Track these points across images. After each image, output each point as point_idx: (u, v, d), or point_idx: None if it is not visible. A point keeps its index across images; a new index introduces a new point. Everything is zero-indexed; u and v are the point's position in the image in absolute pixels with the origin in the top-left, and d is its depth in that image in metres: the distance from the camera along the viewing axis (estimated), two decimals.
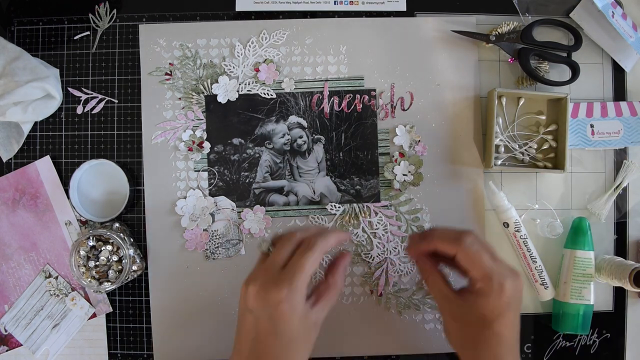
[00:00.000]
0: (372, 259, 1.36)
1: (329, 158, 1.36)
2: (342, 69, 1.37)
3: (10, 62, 1.25)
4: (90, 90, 1.38)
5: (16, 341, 1.36)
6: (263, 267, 1.07)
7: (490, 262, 1.09)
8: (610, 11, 1.33)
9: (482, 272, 1.08)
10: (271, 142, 1.36)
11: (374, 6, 1.39)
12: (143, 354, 1.37)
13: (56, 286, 1.36)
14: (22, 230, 1.37)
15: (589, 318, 1.33)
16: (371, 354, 1.38)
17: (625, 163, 1.38)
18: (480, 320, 1.09)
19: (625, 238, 1.39)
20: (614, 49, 1.38)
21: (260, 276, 1.04)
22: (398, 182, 1.35)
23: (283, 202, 1.37)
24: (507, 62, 1.39)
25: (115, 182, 1.35)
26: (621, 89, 1.40)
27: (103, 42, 1.39)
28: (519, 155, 1.36)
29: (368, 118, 1.37)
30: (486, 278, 1.08)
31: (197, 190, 1.35)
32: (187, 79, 1.37)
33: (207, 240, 1.36)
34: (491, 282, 1.07)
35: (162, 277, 1.37)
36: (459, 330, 1.15)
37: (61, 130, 1.38)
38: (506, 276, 1.08)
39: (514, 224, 1.32)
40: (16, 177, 1.37)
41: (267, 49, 1.37)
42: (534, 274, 1.33)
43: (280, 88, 1.37)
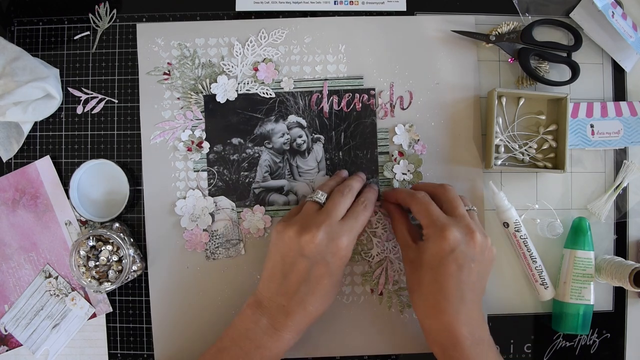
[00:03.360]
0: (372, 257, 1.36)
1: (329, 157, 1.36)
2: (341, 68, 1.37)
3: (10, 62, 1.25)
4: (90, 90, 1.38)
5: (16, 341, 1.36)
6: (320, 217, 1.19)
7: (438, 213, 1.20)
8: (610, 11, 1.32)
9: (428, 220, 1.19)
10: (270, 141, 1.36)
11: (374, 6, 1.39)
12: (143, 354, 1.37)
13: (56, 286, 1.36)
14: (22, 230, 1.37)
15: (589, 318, 1.33)
16: (371, 354, 1.38)
17: (625, 163, 1.38)
18: (426, 265, 1.18)
19: (625, 238, 1.39)
20: (614, 49, 1.38)
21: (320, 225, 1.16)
22: (397, 181, 1.36)
23: (283, 201, 1.37)
24: (507, 62, 1.38)
25: (115, 182, 1.35)
26: (621, 89, 1.40)
27: (103, 42, 1.39)
28: (519, 155, 1.36)
29: (367, 117, 1.37)
30: (431, 225, 1.18)
31: (197, 191, 1.35)
32: (185, 78, 1.37)
33: (207, 241, 1.36)
34: (434, 228, 1.17)
35: (162, 277, 1.36)
36: (410, 274, 1.23)
37: (61, 130, 1.38)
38: (452, 226, 1.16)
39: (514, 224, 1.32)
40: (16, 177, 1.37)
41: (265, 48, 1.37)
42: (534, 274, 1.33)
43: (280, 87, 1.37)
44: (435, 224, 1.17)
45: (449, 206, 1.21)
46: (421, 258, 1.19)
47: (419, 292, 1.19)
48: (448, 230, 1.14)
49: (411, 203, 1.23)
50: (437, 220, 1.17)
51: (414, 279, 1.21)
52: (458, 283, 1.14)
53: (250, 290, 1.27)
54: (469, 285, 1.15)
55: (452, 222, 1.17)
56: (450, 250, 1.13)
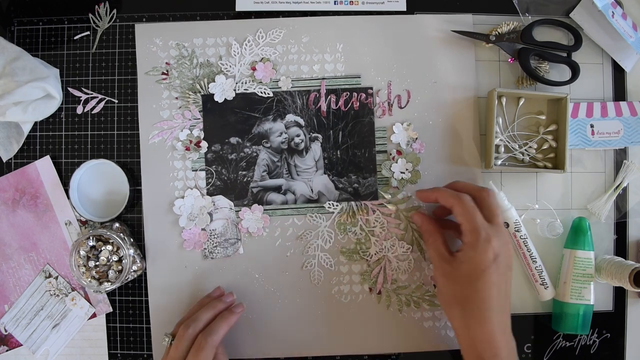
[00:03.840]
0: (370, 256, 1.36)
1: (327, 156, 1.36)
2: (338, 67, 1.37)
3: (10, 62, 1.26)
4: (90, 90, 1.38)
5: (16, 341, 1.37)
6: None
7: (482, 220, 1.18)
8: (610, 11, 1.32)
9: (472, 226, 1.17)
10: (268, 140, 1.36)
11: (374, 6, 1.39)
12: (143, 354, 1.37)
13: (56, 286, 1.36)
14: (22, 230, 1.37)
15: (589, 318, 1.32)
16: (371, 353, 1.38)
17: (625, 163, 1.37)
18: (466, 276, 1.17)
19: (625, 238, 1.39)
20: (614, 49, 1.38)
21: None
22: (396, 179, 1.35)
23: (281, 200, 1.37)
24: (507, 62, 1.38)
25: (115, 182, 1.36)
26: (621, 89, 1.40)
27: (103, 42, 1.39)
28: (519, 155, 1.36)
29: (365, 116, 1.37)
30: (475, 231, 1.16)
31: (195, 190, 1.36)
32: (183, 78, 1.37)
33: (205, 240, 1.36)
34: (478, 236, 1.15)
35: (161, 276, 1.37)
36: (448, 287, 1.21)
37: (61, 130, 1.38)
38: (494, 235, 1.16)
39: (514, 224, 1.32)
40: (16, 177, 1.37)
41: (263, 47, 1.37)
42: (534, 274, 1.33)
43: (277, 87, 1.37)
44: (479, 232, 1.16)
45: (489, 213, 1.21)
46: (460, 269, 1.18)
47: (457, 305, 1.19)
48: (492, 239, 1.14)
49: (455, 204, 1.21)
50: (481, 228, 1.16)
51: (450, 292, 1.21)
52: (499, 293, 1.15)
53: (247, 290, 1.28)
54: (507, 295, 1.18)
55: (494, 231, 1.17)
56: (493, 259, 1.14)
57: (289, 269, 1.36)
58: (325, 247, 1.37)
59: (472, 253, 1.16)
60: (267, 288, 1.37)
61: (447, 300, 1.22)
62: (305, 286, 1.37)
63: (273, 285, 1.36)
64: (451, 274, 1.20)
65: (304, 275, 1.37)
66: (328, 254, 1.36)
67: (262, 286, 1.34)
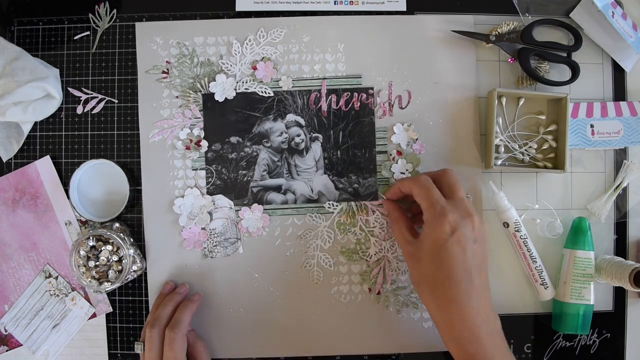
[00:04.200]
0: (369, 257, 1.36)
1: (327, 156, 1.36)
2: (339, 67, 1.37)
3: (10, 62, 1.26)
4: (90, 90, 1.38)
5: (16, 341, 1.36)
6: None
7: (438, 196, 1.18)
8: (610, 11, 1.32)
9: (427, 203, 1.18)
10: (269, 140, 1.36)
11: (374, 6, 1.39)
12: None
13: (56, 286, 1.36)
14: (22, 230, 1.37)
15: (589, 318, 1.32)
16: (370, 353, 1.37)
17: (625, 163, 1.37)
18: (427, 254, 1.16)
19: (625, 238, 1.39)
20: (614, 49, 1.38)
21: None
22: (396, 180, 1.35)
23: (281, 200, 1.37)
24: (507, 62, 1.38)
25: (115, 182, 1.36)
26: (621, 89, 1.40)
27: (103, 42, 1.39)
28: (519, 155, 1.36)
29: (366, 116, 1.37)
30: (430, 207, 1.17)
31: (195, 189, 1.36)
32: (184, 77, 1.37)
33: (205, 239, 1.36)
34: (434, 211, 1.16)
35: (161, 275, 1.37)
36: (414, 269, 1.22)
37: (61, 130, 1.38)
38: (450, 209, 1.15)
39: (514, 224, 1.32)
40: (16, 177, 1.37)
41: (264, 47, 1.37)
42: (534, 274, 1.33)
43: (278, 86, 1.37)
44: (434, 207, 1.16)
45: (449, 190, 1.20)
46: (422, 248, 1.17)
47: (425, 285, 1.18)
48: (448, 212, 1.14)
49: (412, 186, 1.21)
50: (436, 203, 1.16)
51: (417, 272, 1.20)
52: (463, 265, 1.13)
53: (247, 289, 1.28)
54: (474, 268, 1.14)
55: (450, 205, 1.16)
56: (451, 233, 1.13)
57: (288, 269, 1.36)
58: (324, 247, 1.37)
59: (428, 230, 1.16)
60: (267, 288, 1.36)
61: (416, 282, 1.22)
62: (305, 286, 1.37)
63: (272, 285, 1.36)
64: (415, 255, 1.20)
65: (303, 275, 1.37)
66: (328, 254, 1.36)
67: (261, 286, 1.34)
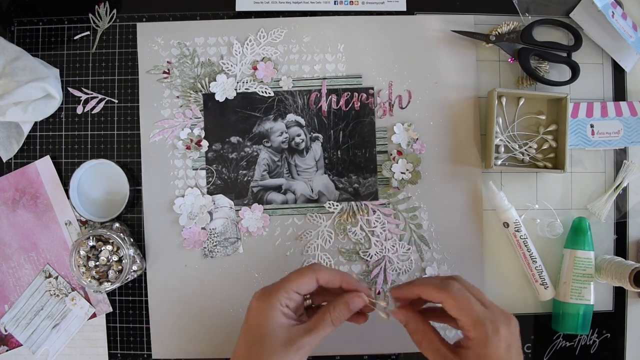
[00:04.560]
0: (370, 257, 1.36)
1: (327, 156, 1.37)
2: (340, 67, 1.38)
3: (10, 62, 1.26)
4: (90, 90, 1.38)
5: (16, 341, 1.36)
6: None
7: (480, 308, 1.03)
8: (610, 11, 1.32)
9: (474, 319, 1.02)
10: (269, 140, 1.36)
11: (374, 6, 1.39)
12: (143, 354, 1.37)
13: (56, 286, 1.36)
14: (22, 230, 1.37)
15: (589, 318, 1.33)
16: (370, 353, 1.38)
17: (625, 163, 1.37)
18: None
19: (625, 238, 1.39)
20: (614, 49, 1.38)
21: None
22: (396, 180, 1.35)
23: (281, 200, 1.37)
24: (507, 62, 1.39)
25: (115, 182, 1.36)
26: (621, 89, 1.40)
27: (103, 42, 1.40)
28: (519, 155, 1.36)
29: (366, 116, 1.37)
30: (479, 325, 1.01)
31: (195, 189, 1.36)
32: (185, 77, 1.37)
33: (205, 239, 1.36)
34: (485, 329, 1.01)
35: (161, 275, 1.37)
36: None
37: (61, 130, 1.38)
38: (500, 321, 1.02)
39: (514, 224, 1.32)
40: (16, 177, 1.37)
41: (264, 47, 1.38)
42: (534, 274, 1.33)
43: (278, 86, 1.37)
44: (483, 324, 1.01)
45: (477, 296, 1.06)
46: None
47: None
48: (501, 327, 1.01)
49: (445, 298, 1.05)
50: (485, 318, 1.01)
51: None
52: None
53: (247, 289, 1.28)
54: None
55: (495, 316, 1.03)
56: (507, 350, 1.01)
57: (288, 269, 1.35)
58: (325, 247, 1.37)
59: (483, 350, 1.01)
60: None
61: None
62: None
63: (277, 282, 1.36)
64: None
65: None
66: (328, 254, 1.36)
67: (261, 285, 1.31)
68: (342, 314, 1.08)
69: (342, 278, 1.10)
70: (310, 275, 1.08)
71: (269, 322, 1.04)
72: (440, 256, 1.37)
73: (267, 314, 1.05)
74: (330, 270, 1.10)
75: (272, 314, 1.05)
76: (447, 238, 1.37)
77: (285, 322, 1.05)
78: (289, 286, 1.07)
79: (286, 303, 1.06)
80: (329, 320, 1.07)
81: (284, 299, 1.06)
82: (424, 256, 1.37)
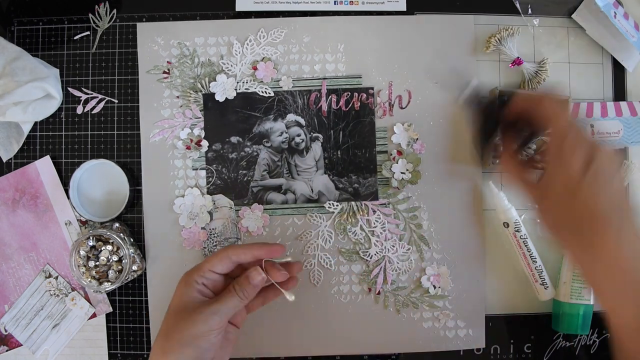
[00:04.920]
0: (370, 257, 1.36)
1: (327, 156, 1.37)
2: (340, 67, 1.37)
3: (10, 62, 1.26)
4: (90, 90, 1.38)
5: (16, 341, 1.36)
6: None
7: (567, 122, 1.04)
8: (613, 11, 1.32)
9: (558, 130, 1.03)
10: (269, 140, 1.36)
11: (374, 6, 1.39)
12: (143, 354, 1.37)
13: (56, 286, 1.36)
14: (22, 230, 1.37)
15: (589, 318, 1.32)
16: (370, 353, 1.37)
17: (625, 163, 1.37)
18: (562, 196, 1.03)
19: None
20: (616, 49, 1.38)
21: None
22: (396, 180, 1.35)
23: (281, 200, 1.37)
24: (507, 62, 1.39)
25: (115, 182, 1.36)
26: (621, 89, 1.40)
27: (103, 42, 1.39)
28: None
29: (366, 116, 1.37)
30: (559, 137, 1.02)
31: (195, 189, 1.36)
32: (185, 77, 1.37)
33: (205, 239, 1.36)
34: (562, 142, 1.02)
35: (160, 275, 1.37)
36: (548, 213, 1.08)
37: (61, 130, 1.38)
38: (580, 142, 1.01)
39: (514, 224, 1.32)
40: (16, 177, 1.37)
41: (264, 47, 1.37)
42: (534, 274, 1.33)
43: (278, 86, 1.37)
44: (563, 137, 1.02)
45: None
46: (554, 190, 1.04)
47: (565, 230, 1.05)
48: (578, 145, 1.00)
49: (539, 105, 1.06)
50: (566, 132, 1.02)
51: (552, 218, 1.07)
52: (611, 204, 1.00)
53: None
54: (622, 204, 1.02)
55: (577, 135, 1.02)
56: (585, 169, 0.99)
57: None
58: (325, 247, 1.37)
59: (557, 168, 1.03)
60: None
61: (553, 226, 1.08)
62: (305, 286, 1.37)
63: None
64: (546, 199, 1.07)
65: (303, 275, 1.37)
66: (328, 254, 1.36)
67: None
68: (245, 285, 1.14)
69: (253, 252, 1.16)
70: (223, 254, 1.15)
71: (183, 299, 1.12)
72: (440, 256, 1.37)
73: (182, 291, 1.13)
74: (243, 247, 1.17)
75: (186, 291, 1.12)
76: (447, 238, 1.37)
77: (198, 297, 1.12)
78: (204, 266, 1.14)
79: (202, 282, 1.14)
80: (232, 291, 1.13)
81: (198, 277, 1.13)
82: (424, 256, 1.37)
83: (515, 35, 1.36)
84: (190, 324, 1.07)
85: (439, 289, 1.36)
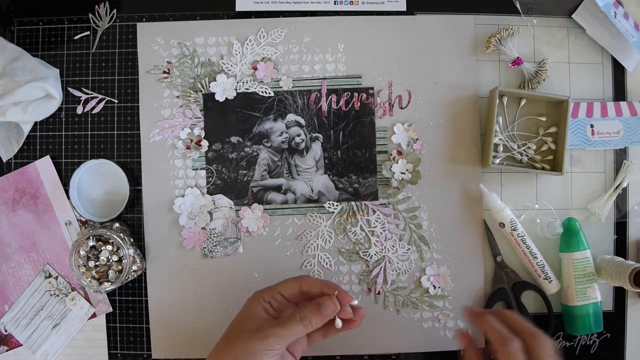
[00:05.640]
0: (370, 257, 1.36)
1: (327, 156, 1.36)
2: (340, 67, 1.37)
3: (10, 62, 1.26)
4: (90, 90, 1.38)
5: (16, 341, 1.36)
6: None
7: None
8: (613, 11, 1.32)
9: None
10: (269, 140, 1.36)
11: (374, 6, 1.39)
12: (143, 354, 1.37)
13: (56, 286, 1.36)
14: (22, 230, 1.37)
15: (599, 315, 1.33)
16: (370, 353, 1.38)
17: (625, 163, 1.38)
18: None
19: (625, 238, 1.39)
20: (617, 49, 1.38)
21: None
22: (396, 180, 1.35)
23: (281, 200, 1.37)
24: (507, 62, 1.38)
25: (115, 182, 1.36)
26: (621, 89, 1.40)
27: (103, 42, 1.40)
28: (517, 156, 1.36)
29: (366, 116, 1.37)
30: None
31: (195, 189, 1.36)
32: (185, 77, 1.37)
33: (205, 239, 1.36)
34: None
35: (160, 275, 1.37)
36: None
37: (61, 130, 1.38)
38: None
39: (510, 223, 1.33)
40: (16, 177, 1.37)
41: (264, 47, 1.38)
42: (537, 270, 1.33)
43: (278, 86, 1.37)
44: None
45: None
46: None
47: None
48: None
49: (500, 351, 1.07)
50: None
51: None
52: None
53: (247, 289, 1.28)
54: None
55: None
56: None
57: (288, 269, 1.36)
58: (325, 247, 1.37)
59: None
60: None
61: None
62: None
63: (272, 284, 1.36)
64: None
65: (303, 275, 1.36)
66: (328, 254, 1.37)
67: (261, 285, 1.32)
68: (312, 313, 1.11)
69: (324, 288, 1.15)
70: (295, 282, 1.17)
71: (249, 313, 1.15)
72: (440, 256, 1.37)
73: (250, 306, 1.16)
74: (315, 280, 1.18)
75: (253, 306, 1.16)
76: (447, 238, 1.37)
77: (262, 314, 1.14)
78: (276, 287, 1.17)
79: (269, 300, 1.16)
80: (297, 317, 1.10)
81: (267, 296, 1.16)
82: (424, 256, 1.37)
83: (515, 35, 1.36)
84: (248, 339, 1.08)
85: (438, 289, 1.36)
